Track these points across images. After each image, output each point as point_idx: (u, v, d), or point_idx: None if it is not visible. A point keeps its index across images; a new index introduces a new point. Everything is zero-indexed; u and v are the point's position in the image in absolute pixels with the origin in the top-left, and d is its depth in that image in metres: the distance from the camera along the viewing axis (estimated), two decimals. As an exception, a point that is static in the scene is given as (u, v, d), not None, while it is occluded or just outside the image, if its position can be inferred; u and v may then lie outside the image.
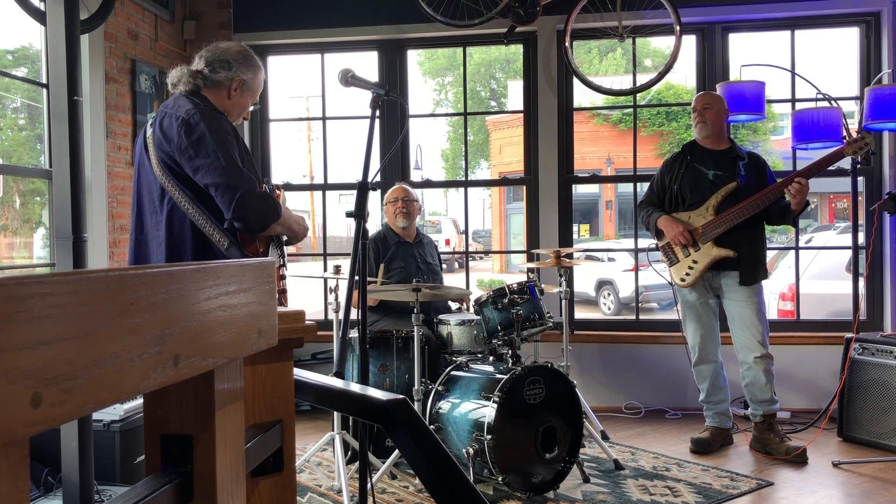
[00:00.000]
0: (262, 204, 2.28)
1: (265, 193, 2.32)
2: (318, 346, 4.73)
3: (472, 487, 1.02)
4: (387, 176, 4.85)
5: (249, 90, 2.51)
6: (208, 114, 2.32)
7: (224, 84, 2.44)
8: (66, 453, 2.54)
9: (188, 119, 2.26)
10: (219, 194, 2.23)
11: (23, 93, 4.73)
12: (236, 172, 2.24)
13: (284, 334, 1.03)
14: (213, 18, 4.90)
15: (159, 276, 0.65)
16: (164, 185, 2.30)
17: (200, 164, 2.23)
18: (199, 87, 2.42)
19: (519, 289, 3.38)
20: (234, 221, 2.24)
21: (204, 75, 2.42)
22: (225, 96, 2.46)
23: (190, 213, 2.28)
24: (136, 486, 0.74)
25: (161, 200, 2.32)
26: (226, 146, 2.27)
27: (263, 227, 2.31)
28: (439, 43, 5.15)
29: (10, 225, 5.07)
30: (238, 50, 2.49)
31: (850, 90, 4.85)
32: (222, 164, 2.23)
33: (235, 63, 2.45)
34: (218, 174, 2.22)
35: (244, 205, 2.22)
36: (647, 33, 4.58)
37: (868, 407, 3.71)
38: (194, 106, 2.32)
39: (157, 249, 2.34)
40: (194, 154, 2.24)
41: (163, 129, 2.30)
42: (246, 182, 2.25)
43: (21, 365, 0.47)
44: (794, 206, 3.56)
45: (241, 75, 2.47)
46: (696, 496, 3.09)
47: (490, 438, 2.90)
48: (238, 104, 2.50)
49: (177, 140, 2.25)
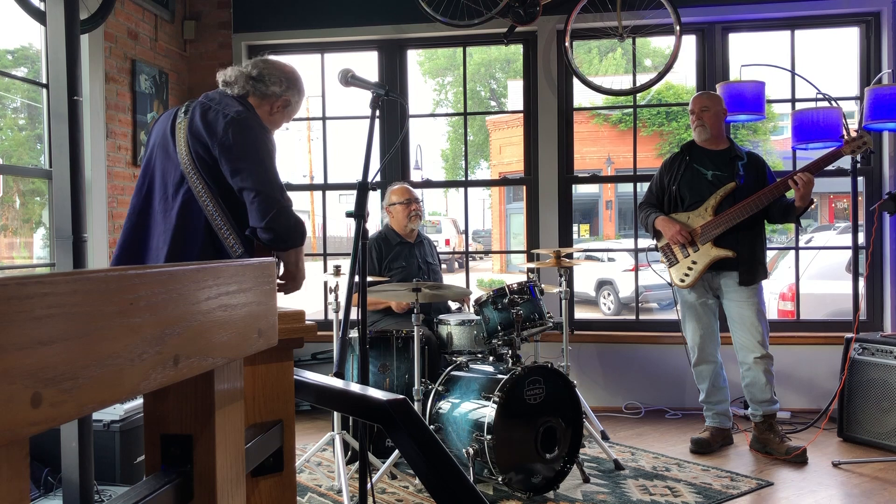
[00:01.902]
0: (295, 226, 2.27)
1: (300, 219, 2.31)
2: (318, 346, 4.73)
3: (472, 487, 1.02)
4: (387, 176, 4.85)
5: (290, 112, 2.52)
6: (259, 122, 2.31)
7: (271, 98, 2.43)
8: (66, 453, 2.54)
9: (241, 120, 2.24)
10: (256, 201, 2.19)
11: (23, 93, 4.73)
12: (279, 186, 2.24)
13: (284, 334, 1.03)
14: (213, 18, 4.90)
15: (159, 276, 0.65)
16: (187, 174, 2.25)
17: (244, 166, 2.21)
18: (249, 93, 2.41)
19: (519, 289, 3.38)
20: (262, 231, 2.21)
21: (255, 83, 2.40)
22: (267, 111, 2.44)
23: (208, 210, 2.25)
24: (136, 486, 0.74)
25: (177, 188, 2.27)
26: (271, 158, 2.26)
27: (286, 247, 2.29)
28: (439, 43, 5.15)
29: (10, 225, 5.07)
30: (292, 71, 2.49)
31: (850, 90, 4.85)
32: (267, 174, 2.22)
33: (287, 82, 2.45)
34: (260, 182, 2.20)
35: (279, 219, 2.20)
36: (647, 33, 4.58)
37: (868, 407, 3.71)
38: (245, 109, 2.30)
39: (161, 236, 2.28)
40: (240, 155, 2.21)
41: (206, 121, 2.25)
42: (286, 199, 2.25)
43: (21, 365, 0.47)
44: (799, 201, 3.53)
45: (289, 96, 2.47)
46: (696, 496, 3.09)
47: (490, 438, 2.90)
48: (275, 121, 2.49)
49: (221, 136, 2.22)
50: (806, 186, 3.49)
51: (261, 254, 2.32)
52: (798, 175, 3.50)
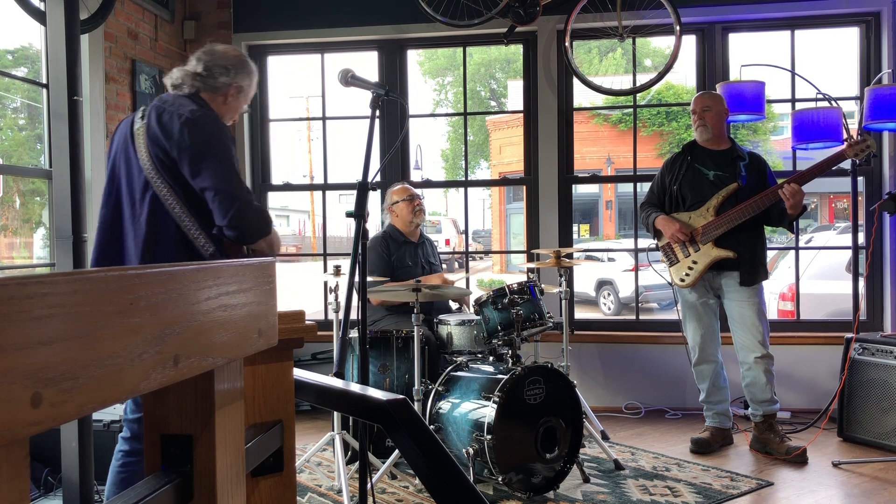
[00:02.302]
0: (257, 217, 2.29)
1: (261, 208, 2.33)
2: (318, 346, 4.73)
3: (472, 487, 1.02)
4: (387, 176, 4.85)
5: (245, 96, 2.54)
6: (214, 119, 2.32)
7: (222, 89, 2.45)
8: (66, 453, 2.54)
9: (194, 119, 2.25)
10: (217, 200, 2.22)
11: (23, 93, 4.73)
12: (237, 182, 2.25)
13: (284, 334, 1.03)
14: (213, 18, 4.90)
15: (159, 276, 0.65)
16: (151, 179, 2.27)
17: (202, 167, 2.22)
18: (199, 89, 2.42)
19: (519, 289, 3.38)
20: (227, 229, 2.24)
21: (203, 78, 2.42)
22: (221, 101, 2.47)
23: (175, 213, 2.26)
24: (136, 486, 0.74)
25: (143, 195, 2.29)
26: (229, 153, 2.27)
27: (253, 240, 2.32)
28: (439, 43, 5.15)
29: (10, 225, 5.07)
30: (236, 55, 2.51)
31: (850, 90, 4.85)
32: (224, 170, 2.23)
33: (234, 69, 2.47)
34: (220, 180, 2.22)
35: (241, 215, 2.22)
36: (647, 33, 4.58)
37: (868, 407, 3.71)
38: (200, 108, 2.31)
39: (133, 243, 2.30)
40: (197, 156, 2.23)
41: (161, 124, 2.27)
42: (245, 193, 2.26)
43: (21, 365, 0.47)
44: (790, 210, 3.54)
45: (240, 81, 2.49)
46: (696, 496, 3.09)
47: (490, 438, 2.90)
48: (232, 108, 2.51)
49: (178, 138, 2.23)
50: (794, 197, 3.49)
51: (231, 249, 2.35)
52: (785, 187, 3.50)
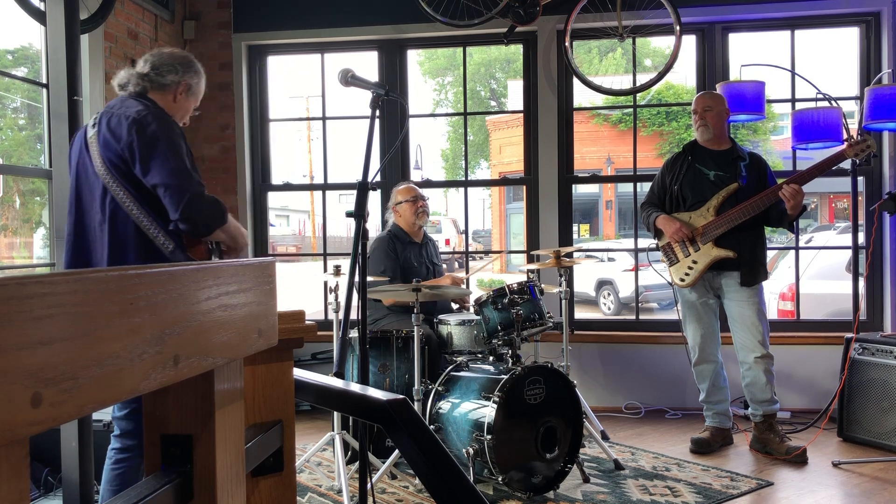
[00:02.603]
0: (210, 208, 2.30)
1: (214, 198, 2.35)
2: (318, 346, 4.73)
3: (472, 487, 1.02)
4: (387, 176, 4.85)
5: (194, 94, 2.56)
6: (160, 115, 2.34)
7: (171, 87, 2.48)
8: (66, 453, 2.54)
9: (140, 119, 2.28)
10: (167, 195, 2.24)
11: (23, 93, 4.73)
12: (186, 175, 2.27)
13: (284, 334, 1.03)
14: (213, 18, 4.90)
15: (159, 276, 0.65)
16: (108, 185, 2.30)
17: (151, 164, 2.25)
18: (147, 89, 2.45)
19: (519, 289, 3.38)
20: (180, 223, 2.26)
21: (151, 78, 2.45)
22: (171, 99, 2.49)
23: (134, 215, 2.29)
24: (136, 485, 0.74)
25: (103, 201, 2.32)
26: (176, 148, 2.29)
27: (209, 231, 2.33)
28: (439, 43, 5.15)
29: (10, 225, 5.07)
30: (183, 55, 2.54)
31: (850, 90, 4.85)
32: (173, 165, 2.25)
33: (181, 68, 2.49)
34: (168, 175, 2.24)
35: (192, 207, 2.24)
36: (647, 33, 4.58)
37: (868, 407, 3.71)
38: (145, 107, 2.34)
39: (101, 250, 2.33)
40: (146, 154, 2.25)
41: (110, 129, 2.30)
42: (195, 185, 2.28)
43: (21, 365, 0.47)
44: (790, 210, 3.54)
45: (188, 80, 2.51)
46: (696, 496, 3.09)
47: (490, 438, 2.90)
48: (182, 108, 2.53)
49: (126, 139, 2.26)
50: (794, 198, 3.49)
51: (190, 243, 2.36)
52: (785, 187, 3.50)
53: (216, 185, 4.90)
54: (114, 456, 2.39)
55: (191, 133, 4.89)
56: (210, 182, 4.91)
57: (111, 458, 2.40)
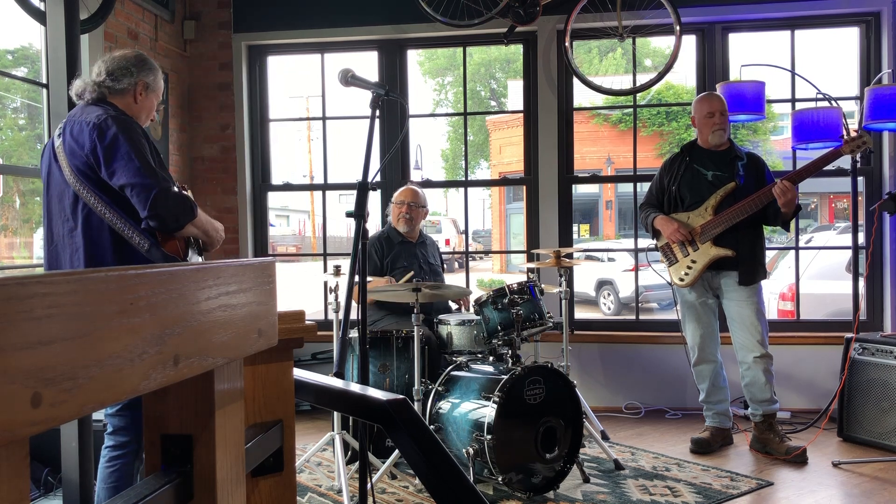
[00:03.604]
0: (178, 203, 2.32)
1: (181, 194, 2.37)
2: (318, 346, 4.73)
3: (472, 487, 1.02)
4: (387, 176, 4.85)
5: (153, 91, 2.57)
6: (119, 118, 2.36)
7: (129, 90, 2.49)
8: (66, 453, 2.54)
9: (100, 124, 2.30)
10: (134, 194, 2.27)
11: (23, 93, 4.73)
12: (151, 172, 2.29)
13: (284, 334, 1.03)
14: (213, 18, 4.90)
15: (159, 276, 0.65)
16: (79, 192, 2.33)
17: (116, 166, 2.27)
18: (105, 95, 2.46)
19: (519, 289, 3.38)
20: (150, 220, 2.28)
21: (107, 84, 2.46)
22: (132, 101, 2.50)
23: (107, 218, 2.32)
24: (136, 485, 0.74)
25: (74, 208, 2.34)
26: (139, 148, 2.31)
27: (179, 227, 2.35)
28: (439, 43, 5.15)
29: (10, 225, 5.07)
30: (135, 55, 2.55)
31: (850, 90, 4.85)
32: (137, 164, 2.27)
33: (136, 68, 2.50)
34: (133, 174, 2.26)
35: (159, 203, 2.26)
36: (647, 33, 4.58)
37: (868, 407, 3.71)
38: (104, 111, 2.35)
39: (71, 257, 2.36)
40: (109, 157, 2.27)
41: (73, 137, 2.32)
42: (160, 181, 2.30)
43: (21, 365, 0.47)
44: (784, 208, 3.54)
45: (143, 78, 2.52)
46: (696, 496, 3.09)
47: (490, 438, 2.90)
48: (145, 107, 2.55)
49: (89, 145, 2.29)
50: (784, 195, 3.48)
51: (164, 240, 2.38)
52: (777, 184, 3.50)
53: (216, 186, 4.90)
54: (108, 454, 2.40)
55: (191, 133, 4.90)
56: (210, 182, 4.91)
57: (105, 456, 2.40)
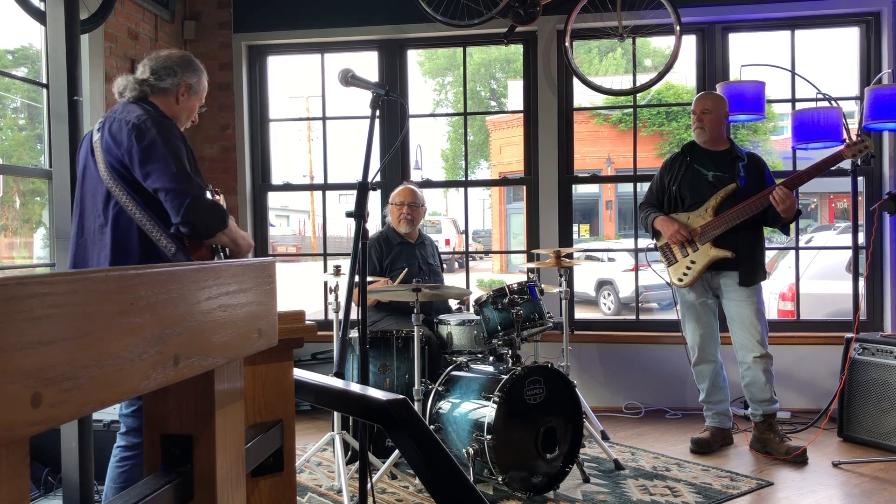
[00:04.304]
0: (210, 212, 2.33)
1: (214, 202, 2.37)
2: (318, 346, 4.73)
3: (472, 487, 1.02)
4: (387, 176, 4.85)
5: (196, 93, 2.57)
6: (159, 120, 2.35)
7: (171, 90, 2.49)
8: (66, 453, 2.54)
9: (139, 124, 2.30)
10: (168, 199, 2.26)
11: (23, 93, 4.73)
12: (186, 178, 2.28)
13: (284, 334, 1.03)
14: (213, 18, 4.90)
15: (159, 276, 0.65)
16: (111, 189, 2.33)
17: (151, 168, 2.27)
18: (147, 93, 2.46)
19: (519, 289, 3.38)
20: (181, 227, 2.28)
21: (150, 83, 2.46)
22: (173, 101, 2.50)
23: (137, 218, 2.32)
24: (136, 485, 0.74)
25: (106, 205, 2.34)
26: (176, 152, 2.31)
27: (210, 235, 2.35)
28: (439, 43, 5.15)
29: (10, 225, 5.07)
30: (181, 56, 2.55)
31: (850, 90, 4.85)
32: (173, 169, 2.27)
33: (180, 69, 2.50)
34: (168, 179, 2.26)
35: (192, 211, 2.26)
36: (647, 33, 4.58)
37: (868, 407, 3.71)
38: (145, 112, 2.35)
39: (99, 254, 2.36)
40: (145, 159, 2.27)
41: (112, 134, 2.32)
42: (195, 188, 2.30)
43: (21, 365, 0.47)
44: (782, 213, 3.54)
45: (187, 80, 2.52)
46: (696, 496, 3.09)
47: (490, 438, 2.90)
48: (186, 108, 2.55)
49: (127, 144, 2.28)
50: (784, 202, 3.49)
51: (193, 247, 2.38)
52: (776, 191, 3.51)
53: (216, 186, 4.88)
54: (119, 454, 2.40)
55: (191, 133, 4.88)
56: (210, 182, 4.89)
57: (116, 455, 2.41)
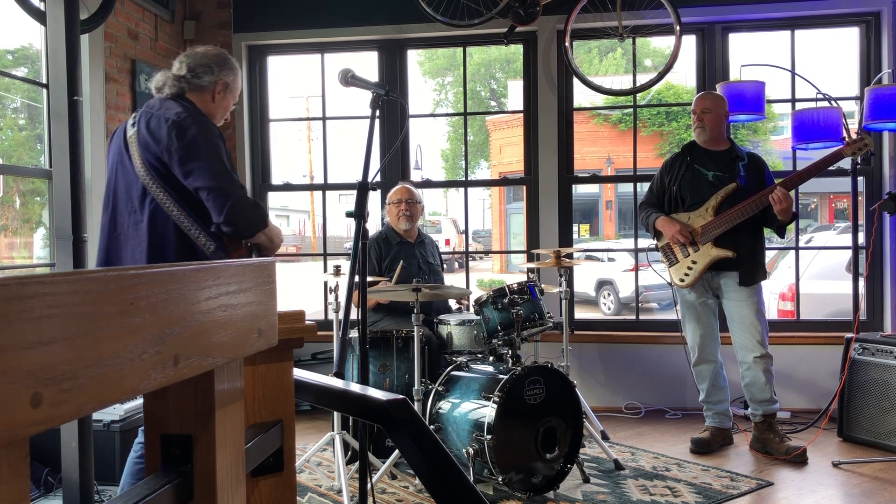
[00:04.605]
0: (253, 211, 2.33)
1: (256, 202, 2.38)
2: (318, 346, 4.73)
3: (472, 487, 1.02)
4: (387, 176, 4.85)
5: (231, 92, 2.57)
6: (199, 118, 2.35)
7: (208, 88, 2.49)
8: (66, 453, 2.54)
9: (180, 122, 2.29)
10: (211, 198, 2.26)
11: (23, 93, 4.73)
12: (228, 178, 2.28)
13: (284, 334, 1.03)
14: (213, 18, 4.90)
15: (159, 276, 0.65)
16: (147, 185, 2.31)
17: (193, 167, 2.26)
18: (184, 90, 2.45)
19: (519, 289, 3.38)
20: (223, 226, 2.28)
21: (188, 80, 2.46)
22: (209, 99, 2.50)
23: (174, 215, 2.30)
24: (136, 486, 0.74)
25: (142, 201, 2.33)
26: (217, 150, 2.30)
27: (251, 235, 2.36)
28: (439, 43, 5.15)
29: (10, 225, 5.06)
30: (217, 54, 2.55)
31: (850, 90, 4.85)
32: (214, 168, 2.26)
33: (217, 67, 2.50)
34: (211, 178, 2.25)
35: (236, 211, 2.26)
36: (647, 33, 4.58)
37: (868, 407, 3.71)
38: (184, 109, 2.34)
39: (134, 250, 2.35)
40: (186, 157, 2.26)
41: (150, 130, 2.31)
42: (238, 188, 2.30)
43: (21, 365, 0.47)
44: (780, 215, 3.53)
45: (224, 78, 2.52)
46: (696, 496, 3.09)
47: (490, 438, 2.90)
48: (221, 106, 2.55)
49: (166, 141, 2.27)
50: (781, 203, 3.49)
51: (231, 245, 2.38)
52: (775, 192, 3.51)
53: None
54: (140, 450, 2.41)
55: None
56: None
57: (136, 451, 2.42)
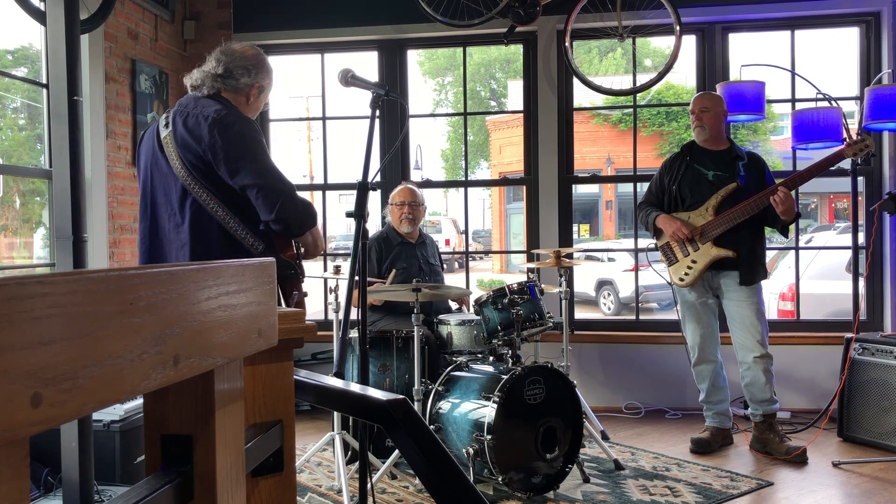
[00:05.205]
0: (304, 210, 2.28)
1: (306, 200, 2.32)
2: (318, 346, 4.73)
3: (472, 487, 1.02)
4: (387, 176, 4.85)
5: (266, 94, 2.53)
6: (239, 115, 2.30)
7: (244, 89, 2.43)
8: (66, 453, 2.54)
9: (220, 119, 2.23)
10: (260, 196, 2.20)
11: (23, 93, 4.73)
12: (277, 175, 2.24)
13: (284, 334, 1.03)
14: (213, 18, 4.90)
15: (159, 276, 0.65)
16: (189, 186, 2.25)
17: (239, 165, 2.20)
18: (220, 89, 2.39)
19: (519, 289, 3.38)
20: (273, 224, 2.22)
21: (224, 80, 2.39)
22: (244, 101, 2.44)
23: (218, 216, 2.25)
24: (136, 486, 0.74)
25: (182, 203, 2.27)
26: (263, 148, 2.27)
27: (301, 233, 2.32)
28: (439, 43, 5.15)
29: (10, 225, 5.06)
30: (254, 54, 2.47)
31: (850, 90, 4.85)
32: (263, 166, 2.22)
33: (254, 69, 2.44)
34: (259, 176, 2.20)
35: (287, 208, 2.21)
36: (647, 33, 4.58)
37: (868, 407, 3.71)
38: (224, 107, 2.29)
39: (177, 254, 2.28)
40: (232, 155, 2.20)
41: (188, 129, 2.24)
42: (288, 186, 2.25)
43: (21, 365, 0.47)
44: (782, 215, 3.54)
45: (261, 81, 2.46)
46: (696, 496, 3.09)
47: (490, 438, 2.90)
48: (253, 108, 2.50)
49: (209, 140, 2.21)
50: (783, 203, 3.49)
51: (280, 244, 2.34)
52: (778, 192, 3.51)
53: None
54: None
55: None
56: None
57: None
